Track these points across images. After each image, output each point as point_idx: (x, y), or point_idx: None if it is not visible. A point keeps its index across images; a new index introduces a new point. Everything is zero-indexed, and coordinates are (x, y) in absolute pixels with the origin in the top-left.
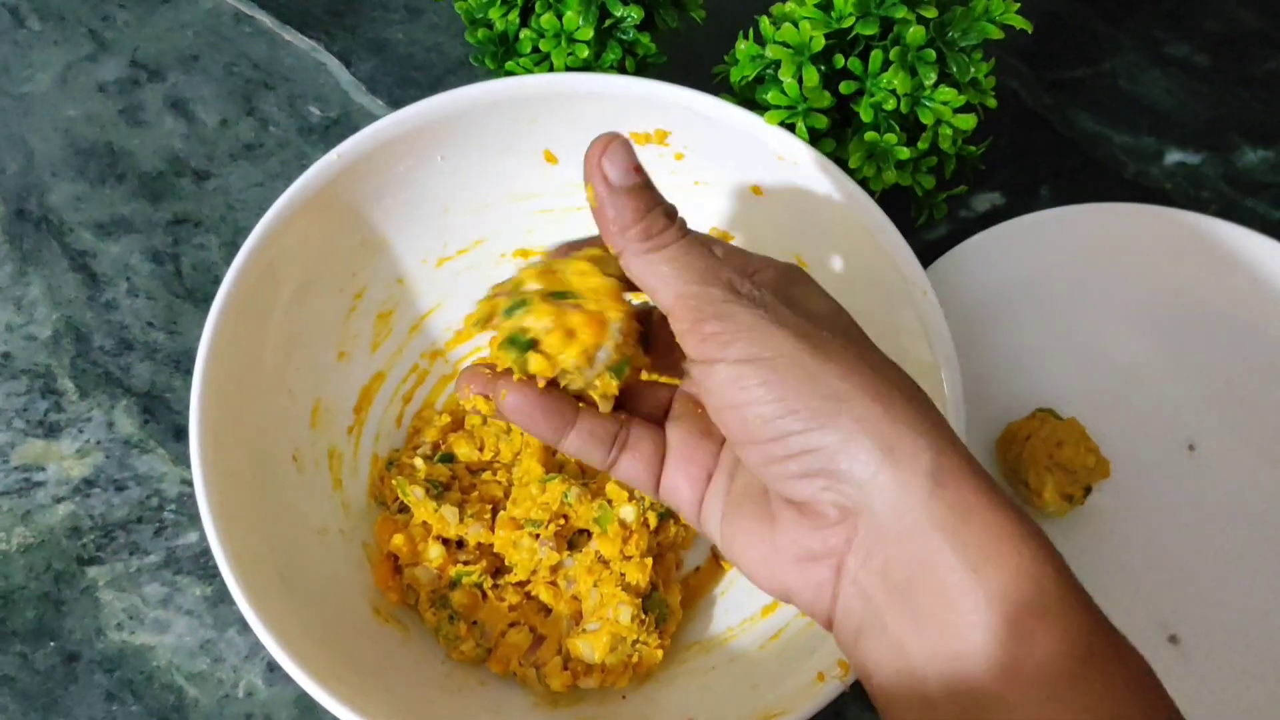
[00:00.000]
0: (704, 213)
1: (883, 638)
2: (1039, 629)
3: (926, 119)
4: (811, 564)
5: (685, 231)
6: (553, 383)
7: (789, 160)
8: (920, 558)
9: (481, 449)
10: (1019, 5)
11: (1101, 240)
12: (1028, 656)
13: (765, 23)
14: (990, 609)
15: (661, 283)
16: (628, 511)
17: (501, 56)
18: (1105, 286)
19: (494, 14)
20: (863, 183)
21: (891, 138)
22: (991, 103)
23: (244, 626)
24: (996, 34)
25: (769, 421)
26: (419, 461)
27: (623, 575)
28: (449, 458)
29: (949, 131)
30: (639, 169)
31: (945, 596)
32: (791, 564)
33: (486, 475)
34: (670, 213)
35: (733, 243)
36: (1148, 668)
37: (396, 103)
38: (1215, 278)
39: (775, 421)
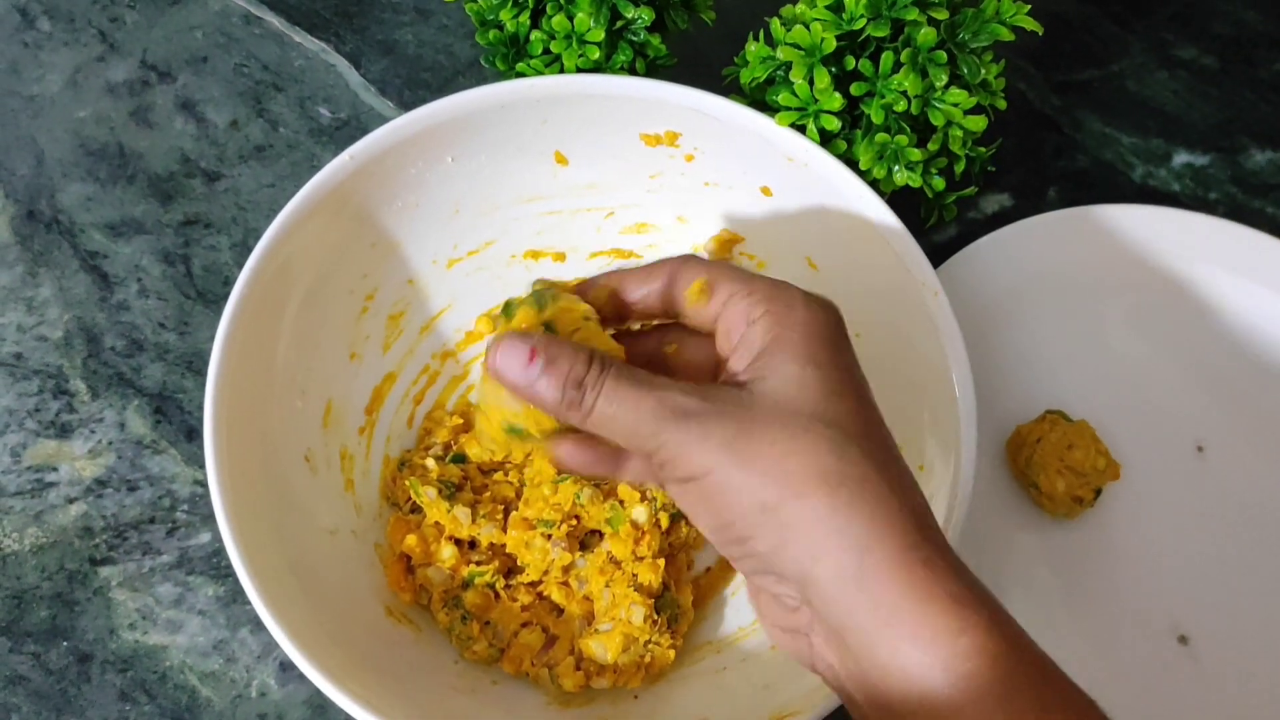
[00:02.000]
0: (714, 214)
1: (852, 706)
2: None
3: (937, 120)
4: (790, 635)
5: (603, 380)
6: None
7: (799, 162)
8: (858, 647)
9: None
10: (1029, 7)
11: (1110, 242)
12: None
13: (776, 24)
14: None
15: (608, 433)
16: (640, 512)
17: (512, 58)
18: (1114, 288)
19: (505, 15)
20: (873, 184)
21: (903, 139)
22: (1001, 104)
23: (256, 626)
24: (1007, 36)
25: (713, 531)
26: (431, 462)
27: (635, 575)
28: (460, 458)
29: (959, 133)
30: (534, 352)
31: (886, 682)
32: (778, 631)
33: (498, 476)
34: (578, 380)
35: (740, 246)
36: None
37: (406, 104)
38: (1223, 279)
39: (717, 532)
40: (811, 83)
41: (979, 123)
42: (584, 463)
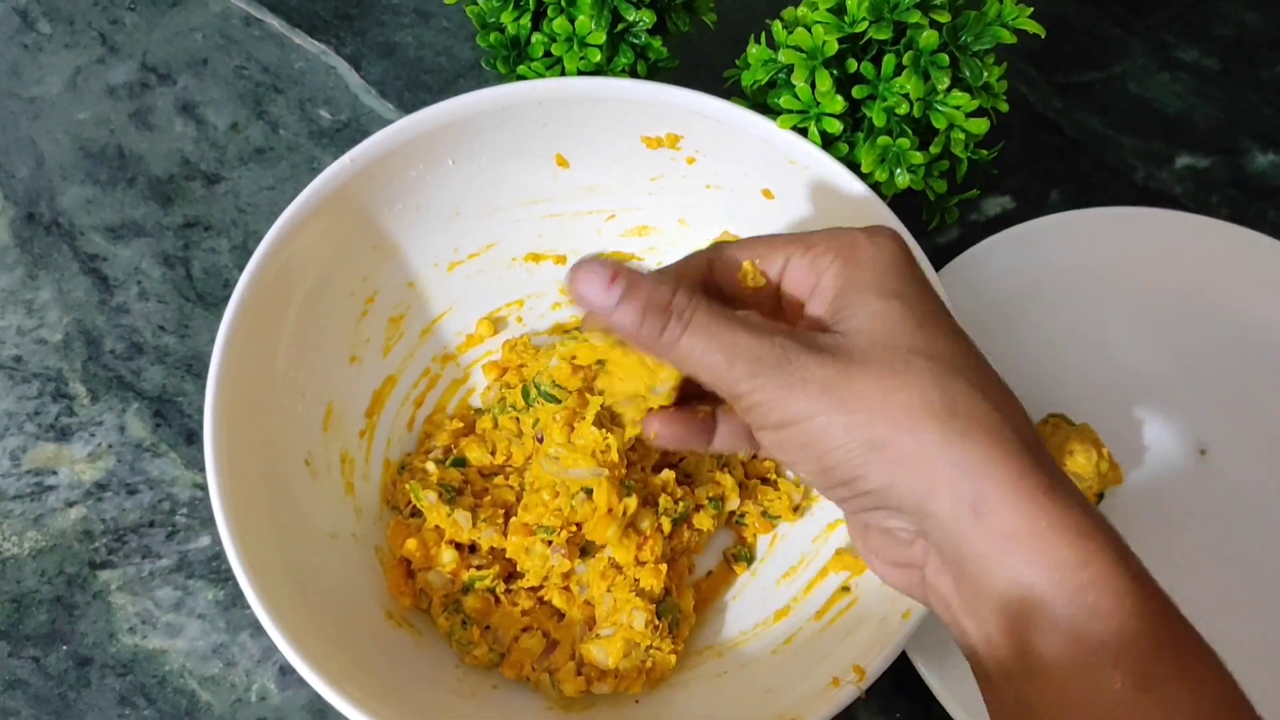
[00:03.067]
0: (715, 216)
1: (962, 634)
2: (1081, 616)
3: (939, 123)
4: (902, 569)
5: (691, 313)
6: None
7: (801, 164)
8: (977, 574)
9: (493, 453)
10: (1031, 10)
11: (1112, 244)
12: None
13: (777, 27)
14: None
15: (692, 369)
16: (643, 519)
17: (513, 60)
18: (1116, 291)
19: (506, 18)
20: (875, 187)
21: (904, 142)
22: (1004, 106)
23: (256, 630)
24: (1009, 38)
25: (816, 475)
26: (431, 466)
27: (636, 581)
28: (461, 462)
29: (961, 136)
30: (616, 276)
31: (1006, 611)
32: (888, 566)
33: (499, 479)
34: (660, 306)
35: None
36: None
37: (406, 106)
38: (1225, 282)
39: (821, 475)
40: (813, 85)
41: (981, 125)
42: (674, 436)
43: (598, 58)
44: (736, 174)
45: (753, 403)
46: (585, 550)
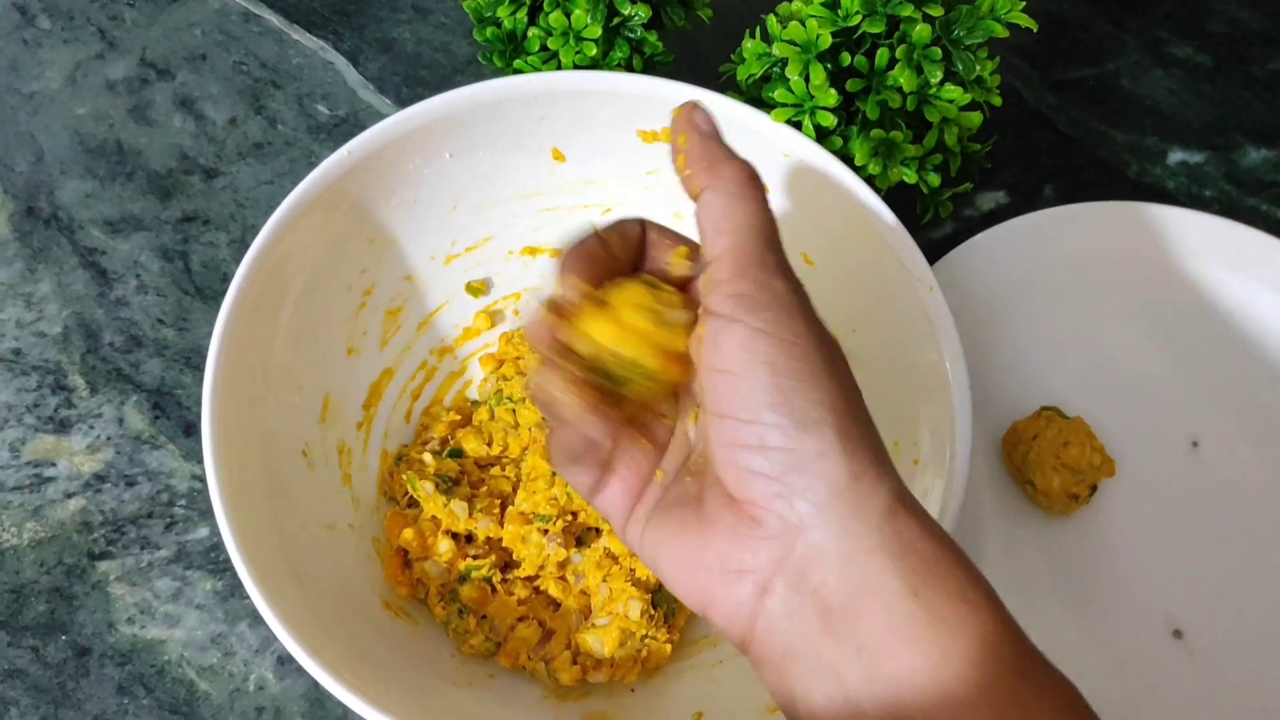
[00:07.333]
0: None
1: (814, 663)
2: (978, 652)
3: (932, 117)
4: (737, 577)
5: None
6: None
7: (795, 158)
8: (862, 582)
9: (490, 444)
10: (1024, 4)
11: (1105, 239)
12: (967, 679)
13: (772, 21)
14: (932, 633)
15: (731, 225)
16: None
17: (509, 55)
18: (1108, 285)
19: (502, 12)
20: (869, 180)
21: (898, 135)
22: (997, 100)
23: (254, 620)
24: (1002, 32)
25: (758, 404)
26: (428, 457)
27: (632, 570)
28: (457, 453)
29: (955, 129)
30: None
31: (887, 620)
32: (716, 574)
33: (495, 470)
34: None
35: None
36: (1076, 691)
37: (404, 101)
38: (1218, 276)
39: (764, 406)
40: (807, 79)
41: (974, 119)
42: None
43: (593, 52)
44: None
45: (755, 291)
46: (581, 540)
